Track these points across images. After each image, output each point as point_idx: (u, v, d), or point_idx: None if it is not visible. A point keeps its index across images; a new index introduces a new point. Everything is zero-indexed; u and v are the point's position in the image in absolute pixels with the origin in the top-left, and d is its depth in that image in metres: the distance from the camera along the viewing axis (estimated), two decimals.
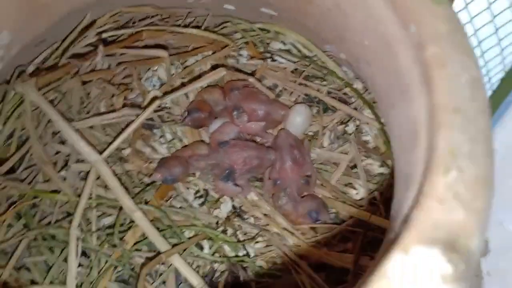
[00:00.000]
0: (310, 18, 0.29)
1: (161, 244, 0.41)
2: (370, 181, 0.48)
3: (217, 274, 0.44)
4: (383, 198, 0.45)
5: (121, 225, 0.43)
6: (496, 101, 0.70)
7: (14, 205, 0.38)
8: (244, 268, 0.43)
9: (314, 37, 0.46)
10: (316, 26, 0.29)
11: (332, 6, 0.26)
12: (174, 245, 0.42)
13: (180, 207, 0.46)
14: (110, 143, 0.42)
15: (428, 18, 0.20)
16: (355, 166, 0.49)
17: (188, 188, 0.47)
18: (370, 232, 0.44)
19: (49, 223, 0.41)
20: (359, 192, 0.48)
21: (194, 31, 0.46)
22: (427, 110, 0.19)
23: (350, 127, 0.49)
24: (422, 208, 0.16)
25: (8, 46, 0.27)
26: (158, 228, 0.42)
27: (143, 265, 0.40)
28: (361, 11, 0.24)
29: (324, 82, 0.51)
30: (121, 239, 0.41)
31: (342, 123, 0.50)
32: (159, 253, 0.41)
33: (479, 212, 0.16)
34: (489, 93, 0.73)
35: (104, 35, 0.40)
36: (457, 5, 0.57)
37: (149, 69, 0.48)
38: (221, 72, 0.46)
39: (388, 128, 0.25)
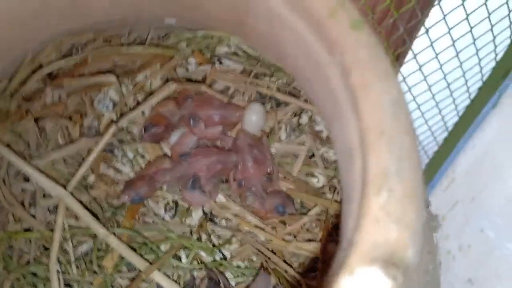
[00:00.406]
0: (250, 39, 0.30)
1: (139, 263, 0.43)
2: (328, 168, 0.50)
3: (197, 281, 0.46)
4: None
5: (99, 250, 0.44)
6: (474, 110, 0.75)
7: None
8: (221, 272, 0.45)
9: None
10: (258, 44, 0.30)
11: (265, 30, 0.27)
12: (152, 262, 0.44)
13: (153, 222, 0.47)
14: (74, 175, 0.43)
15: (349, 45, 0.21)
16: (313, 155, 0.51)
17: (157, 202, 0.49)
18: (333, 219, 0.47)
19: (28, 261, 0.41)
20: (319, 180, 0.50)
21: (139, 48, 0.47)
22: (358, 133, 0.20)
23: (304, 119, 0.51)
24: (362, 230, 0.18)
25: None
26: (133, 248, 0.43)
27: (126, 287, 0.41)
28: (293, 39, 0.25)
29: (273, 79, 0.52)
30: (99, 265, 0.42)
31: (295, 115, 0.52)
32: (139, 271, 0.43)
33: (410, 225, 0.18)
34: (467, 102, 0.77)
35: (48, 70, 0.40)
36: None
37: (99, 90, 0.49)
38: (171, 86, 0.47)
39: (332, 139, 0.27)
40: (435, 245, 0.36)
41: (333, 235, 0.45)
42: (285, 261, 0.45)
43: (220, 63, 0.52)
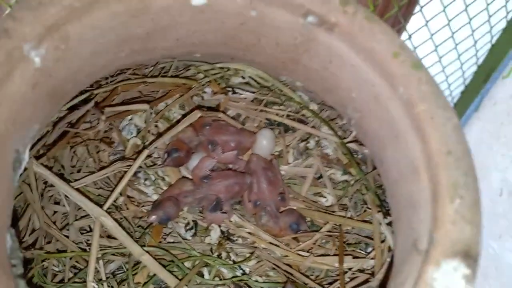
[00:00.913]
0: (295, 73, 0.35)
1: (171, 280, 0.45)
2: (336, 188, 0.55)
3: None
4: (351, 202, 0.52)
5: (127, 269, 0.46)
6: (457, 113, 0.77)
7: (28, 270, 0.40)
8: (247, 285, 0.48)
9: (272, 71, 0.51)
10: (302, 80, 0.35)
11: (320, 68, 0.32)
12: (180, 278, 0.46)
13: (174, 242, 0.50)
14: (108, 197, 0.45)
15: (412, 82, 0.26)
16: (320, 177, 0.55)
17: (177, 223, 0.51)
18: (345, 233, 0.51)
19: (62, 280, 0.43)
20: (328, 199, 0.55)
21: (165, 79, 0.50)
22: (425, 154, 0.25)
23: (311, 143, 0.56)
24: (441, 230, 0.23)
25: (35, 136, 0.30)
26: (163, 265, 0.46)
27: None
28: (350, 74, 0.30)
29: (282, 107, 0.57)
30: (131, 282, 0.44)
31: (303, 140, 0.57)
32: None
33: (478, 225, 0.23)
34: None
35: (93, 103, 0.43)
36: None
37: (122, 119, 0.51)
38: (196, 115, 0.50)
39: (381, 159, 0.32)
40: None
41: (346, 249, 0.50)
42: (304, 275, 0.49)
43: (234, 92, 0.57)
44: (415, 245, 0.25)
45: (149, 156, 0.52)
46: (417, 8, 0.62)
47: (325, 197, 0.55)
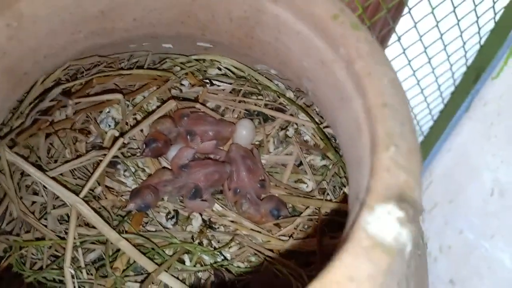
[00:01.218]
0: (253, 50, 0.35)
1: (149, 265, 0.45)
2: (316, 174, 0.55)
3: (202, 282, 0.49)
4: (330, 185, 0.53)
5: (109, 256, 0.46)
6: (448, 114, 0.78)
7: (5, 258, 0.41)
8: (227, 270, 0.48)
9: (246, 59, 0.52)
10: (259, 55, 0.35)
11: (272, 40, 0.33)
12: (159, 265, 0.46)
13: (156, 230, 0.51)
14: (84, 185, 0.46)
15: (352, 41, 0.27)
16: (301, 164, 0.56)
17: (159, 212, 0.52)
18: (324, 217, 0.51)
19: (41, 267, 0.43)
20: (308, 185, 0.55)
21: (140, 71, 0.51)
22: (364, 109, 0.26)
23: (290, 131, 0.57)
24: (376, 178, 0.23)
25: None
26: (143, 252, 0.46)
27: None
28: (298, 43, 0.31)
29: (260, 97, 0.58)
30: (110, 267, 0.45)
31: (282, 129, 0.57)
32: (147, 274, 0.46)
33: (415, 172, 0.23)
34: (441, 107, 0.81)
35: (61, 88, 0.44)
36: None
37: (101, 111, 0.53)
38: (171, 104, 0.51)
39: (334, 126, 0.32)
40: (421, 227, 0.40)
41: (326, 232, 0.50)
42: (284, 257, 0.49)
43: (212, 84, 0.58)
44: (357, 197, 0.25)
45: (128, 147, 0.53)
46: (406, 10, 0.62)
47: (305, 183, 0.55)
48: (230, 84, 0.57)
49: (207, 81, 0.57)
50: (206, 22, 0.35)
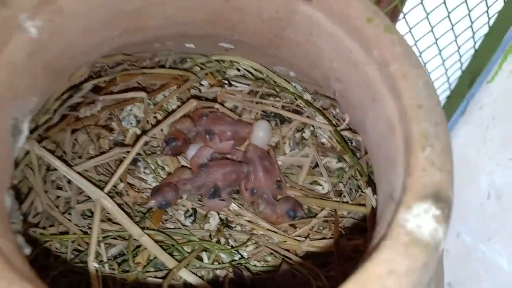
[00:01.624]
0: (281, 51, 0.36)
1: (170, 262, 0.46)
2: (332, 176, 0.56)
3: (220, 279, 0.49)
4: (346, 188, 0.53)
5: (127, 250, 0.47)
6: (446, 116, 0.79)
7: (33, 251, 0.41)
8: (246, 268, 0.49)
9: (265, 60, 0.53)
10: (286, 56, 0.36)
11: (303, 41, 0.33)
12: (179, 261, 0.47)
13: (175, 228, 0.51)
14: (105, 182, 0.46)
15: (386, 44, 0.28)
16: (316, 166, 0.57)
17: (177, 210, 0.53)
18: (341, 218, 0.52)
19: (65, 260, 0.44)
20: (324, 187, 0.56)
21: (162, 70, 0.52)
22: (399, 110, 0.26)
23: (307, 133, 0.57)
24: (412, 177, 0.24)
25: (33, 109, 0.31)
26: (163, 249, 0.47)
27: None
28: (330, 44, 0.32)
29: (277, 98, 0.58)
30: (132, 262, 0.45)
31: (298, 131, 0.58)
32: (167, 270, 0.46)
33: (449, 172, 0.24)
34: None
35: (90, 86, 0.45)
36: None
37: (123, 109, 0.53)
38: (192, 104, 0.52)
39: (362, 126, 0.33)
40: None
41: (342, 233, 0.50)
42: (300, 257, 0.50)
43: (230, 85, 0.58)
44: (391, 196, 0.26)
45: (148, 145, 0.54)
46: (401, 15, 0.63)
47: (321, 185, 0.56)
48: (248, 85, 0.58)
49: (226, 81, 0.58)
50: (236, 23, 0.35)
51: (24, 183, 0.45)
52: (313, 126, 0.57)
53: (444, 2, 0.62)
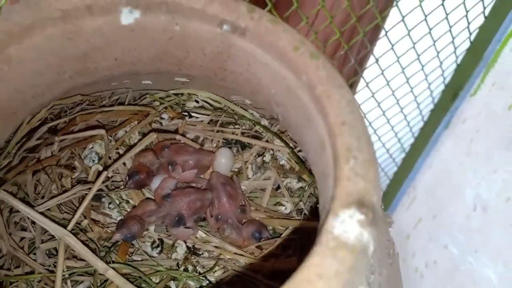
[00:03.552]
0: (227, 81, 0.39)
1: None
2: (293, 196, 0.58)
3: None
4: (306, 206, 0.55)
5: (97, 286, 0.48)
6: (428, 131, 0.79)
7: None
8: None
9: (221, 91, 0.56)
10: (233, 86, 0.39)
11: (243, 71, 0.36)
12: None
13: (142, 260, 0.52)
14: (68, 220, 0.48)
15: (311, 69, 0.30)
16: (279, 187, 0.59)
17: (144, 242, 0.54)
18: (304, 236, 0.54)
19: None
20: (287, 207, 0.58)
21: (121, 107, 0.54)
22: (327, 128, 0.29)
23: (267, 157, 0.60)
24: (339, 187, 0.26)
25: None
26: (129, 281, 0.48)
27: None
28: (266, 72, 0.34)
29: (237, 126, 0.61)
30: None
31: (259, 155, 0.60)
32: None
33: (372, 179, 0.26)
34: (421, 124, 0.82)
35: (46, 128, 0.46)
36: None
37: (85, 148, 0.55)
38: (152, 136, 0.54)
39: (303, 145, 0.35)
40: (391, 237, 0.43)
41: (306, 251, 0.52)
42: (267, 278, 0.51)
43: (190, 116, 0.61)
44: (325, 207, 0.28)
45: (112, 180, 0.55)
46: (383, 32, 0.65)
47: (284, 205, 0.58)
48: (208, 115, 0.60)
49: (186, 113, 0.60)
50: (182, 58, 0.38)
51: None
52: (272, 150, 0.60)
53: (425, 19, 0.63)
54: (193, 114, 0.60)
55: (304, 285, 0.23)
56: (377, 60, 0.68)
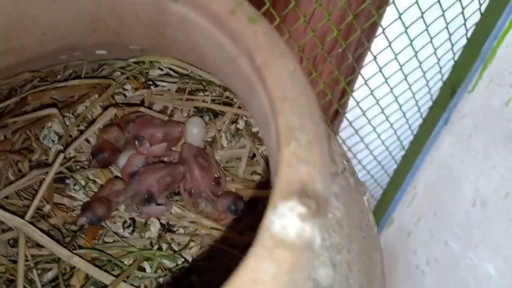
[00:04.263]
0: (171, 50, 0.35)
1: (106, 278, 0.45)
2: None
3: (164, 287, 0.48)
4: None
5: (64, 274, 0.46)
6: (427, 128, 0.79)
7: None
8: (190, 271, 0.48)
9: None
10: (180, 54, 0.35)
11: (184, 38, 0.32)
12: (117, 276, 0.46)
13: (113, 241, 0.50)
14: (29, 207, 0.45)
15: (249, 35, 0.26)
16: (254, 156, 0.55)
17: (115, 222, 0.51)
18: None
19: None
20: (263, 176, 0.55)
21: (76, 81, 0.50)
22: (268, 103, 0.25)
23: (240, 124, 0.56)
24: (279, 174, 0.23)
25: None
26: (99, 266, 0.46)
27: None
28: (205, 39, 0.30)
29: (207, 93, 0.57)
30: (67, 286, 0.44)
31: (233, 122, 0.57)
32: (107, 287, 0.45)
33: (316, 164, 0.23)
34: (420, 121, 0.82)
35: None
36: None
37: (43, 127, 0.52)
38: (112, 111, 0.50)
39: (254, 119, 0.32)
40: (367, 207, 0.40)
41: None
42: (244, 252, 0.49)
43: (156, 85, 0.57)
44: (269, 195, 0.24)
45: (75, 160, 0.52)
46: (380, 30, 0.64)
47: (260, 174, 0.55)
48: (175, 83, 0.56)
49: (151, 83, 0.56)
50: (117, 27, 0.34)
51: None
52: (245, 116, 0.56)
53: (422, 16, 0.64)
54: (158, 83, 0.56)
55: None
56: (375, 58, 0.68)
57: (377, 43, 0.68)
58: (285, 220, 0.22)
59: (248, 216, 0.52)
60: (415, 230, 0.82)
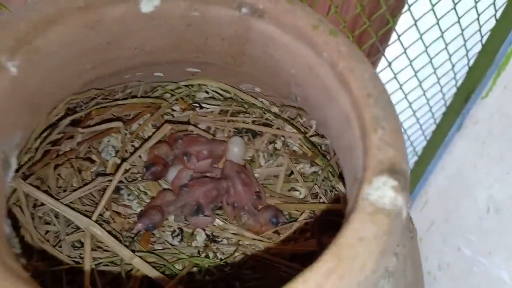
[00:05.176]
0: (244, 67, 0.39)
1: (163, 281, 0.48)
2: (307, 181, 0.59)
3: None
4: (321, 189, 0.56)
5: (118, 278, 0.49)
6: (441, 134, 0.80)
7: None
8: (235, 277, 0.51)
9: (231, 80, 0.57)
10: (250, 70, 0.39)
11: (262, 54, 0.37)
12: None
13: (164, 249, 0.53)
14: (91, 212, 0.48)
15: (333, 46, 0.31)
16: (292, 173, 0.60)
17: (164, 231, 0.55)
18: (320, 218, 0.55)
19: None
20: (301, 192, 0.59)
21: (134, 100, 0.55)
22: (351, 102, 0.30)
23: (278, 144, 0.61)
24: (370, 156, 0.27)
25: (19, 144, 0.34)
26: (155, 268, 0.49)
27: None
28: (285, 53, 0.35)
29: (247, 115, 0.62)
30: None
31: (270, 143, 0.61)
32: None
33: (400, 147, 0.27)
34: (433, 127, 0.83)
35: (68, 121, 0.47)
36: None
37: (100, 142, 0.56)
38: (166, 128, 0.54)
39: (324, 123, 0.36)
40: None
41: (323, 232, 0.53)
42: (287, 260, 0.52)
43: (201, 107, 0.61)
44: (356, 177, 0.29)
45: (129, 173, 0.56)
46: (395, 36, 0.65)
47: (298, 190, 0.59)
48: (218, 105, 0.61)
49: (197, 104, 0.61)
50: (199, 45, 0.39)
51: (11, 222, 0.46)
52: (283, 137, 0.61)
53: (438, 23, 0.64)
54: (203, 105, 0.61)
55: (346, 249, 0.24)
56: (389, 64, 0.68)
57: (392, 50, 0.69)
58: (380, 191, 0.26)
59: (287, 229, 0.56)
60: (427, 236, 0.81)
